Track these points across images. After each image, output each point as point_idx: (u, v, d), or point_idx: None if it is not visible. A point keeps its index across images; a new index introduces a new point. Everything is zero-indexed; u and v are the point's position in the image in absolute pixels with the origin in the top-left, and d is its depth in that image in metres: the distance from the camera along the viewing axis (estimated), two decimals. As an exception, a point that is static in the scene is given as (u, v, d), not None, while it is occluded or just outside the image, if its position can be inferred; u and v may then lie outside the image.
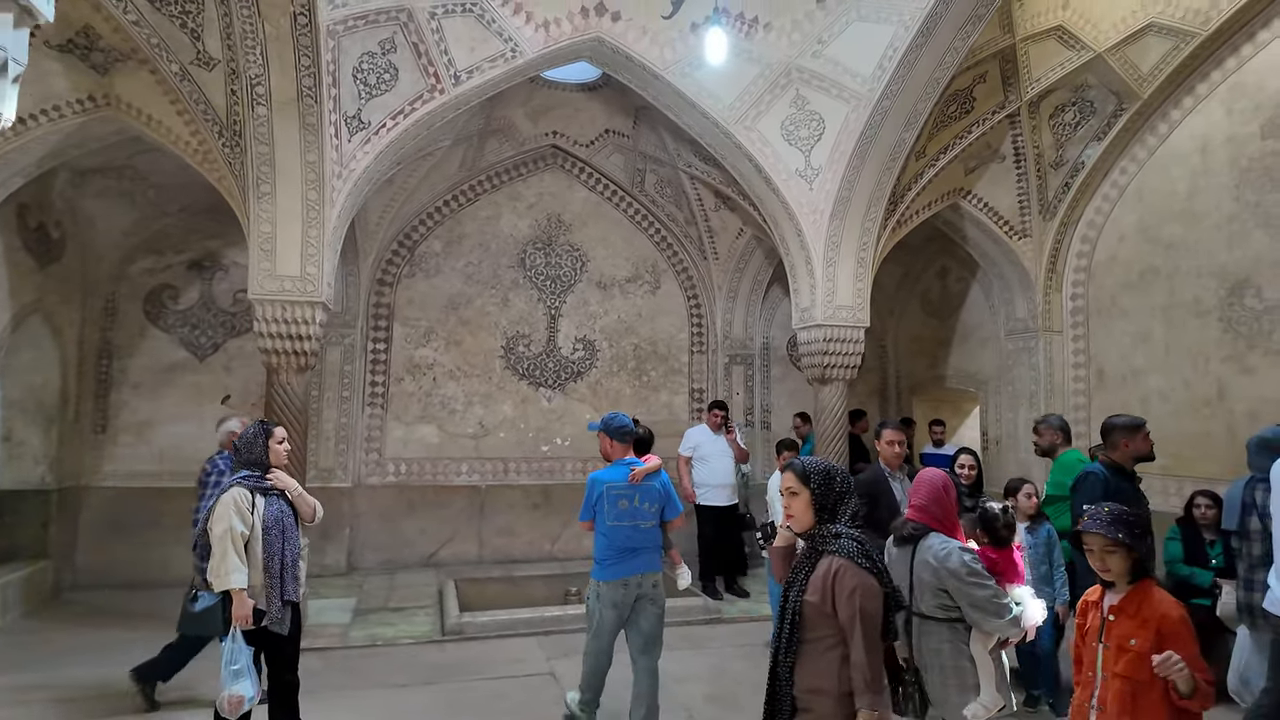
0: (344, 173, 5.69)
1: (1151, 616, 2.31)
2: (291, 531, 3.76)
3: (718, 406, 7.31)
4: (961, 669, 2.77)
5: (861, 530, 2.28)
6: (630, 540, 3.95)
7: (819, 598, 2.17)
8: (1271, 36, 5.72)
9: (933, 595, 2.83)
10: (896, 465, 4.33)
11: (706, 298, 9.35)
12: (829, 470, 2.33)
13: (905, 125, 6.24)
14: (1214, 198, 6.16)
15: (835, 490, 2.29)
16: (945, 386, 9.05)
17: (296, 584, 3.77)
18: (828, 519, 2.28)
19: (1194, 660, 2.18)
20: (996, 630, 2.77)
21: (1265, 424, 5.71)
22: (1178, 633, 2.25)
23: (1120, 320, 7.01)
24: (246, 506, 3.59)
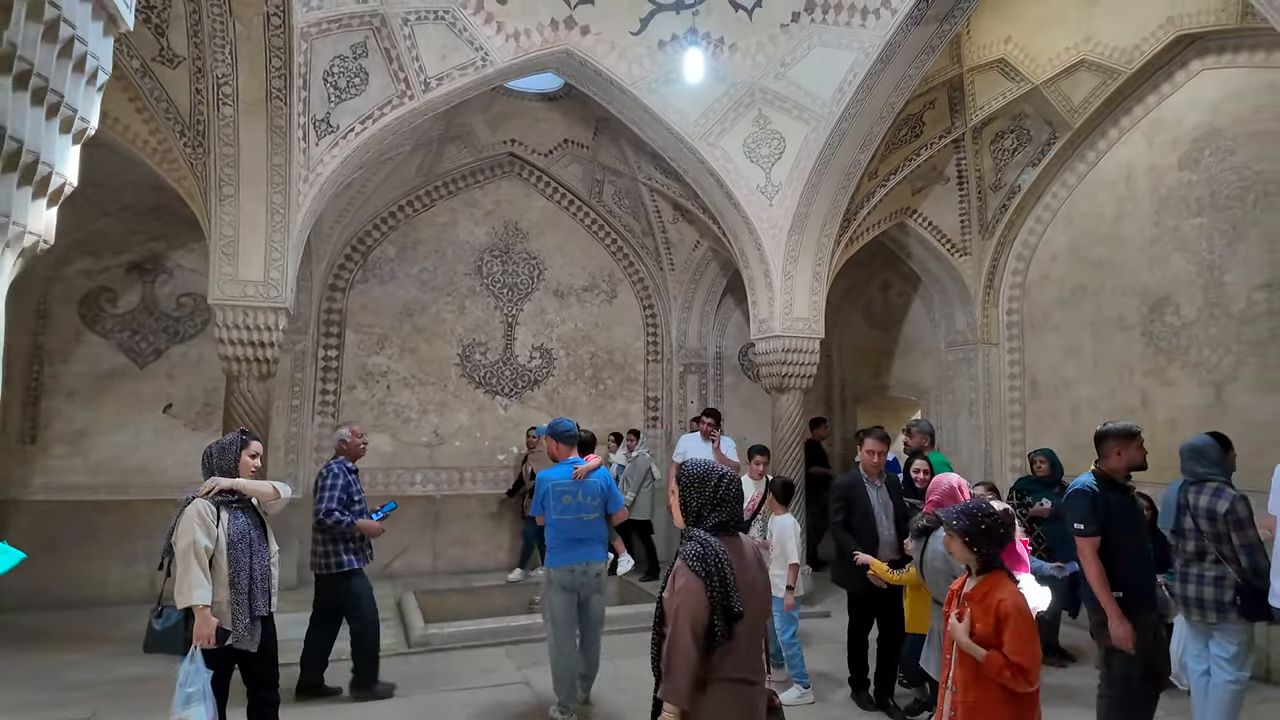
0: (311, 176, 5.59)
1: (992, 605, 2.57)
2: (259, 544, 3.67)
3: (707, 414, 7.09)
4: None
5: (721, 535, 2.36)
6: (574, 531, 4.41)
7: (668, 593, 2.32)
8: (1187, 77, 6.28)
9: (946, 581, 3.08)
10: (875, 473, 4.56)
11: (662, 307, 9.51)
12: (704, 476, 2.43)
13: (861, 147, 6.55)
14: (1137, 222, 6.69)
15: (703, 495, 2.40)
16: (888, 395, 9.46)
17: (268, 597, 3.69)
18: (692, 521, 2.41)
19: (1023, 646, 2.46)
20: None
21: (1184, 431, 6.25)
22: (1010, 620, 2.51)
23: (1052, 334, 7.51)
24: (211, 520, 3.50)
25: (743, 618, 2.25)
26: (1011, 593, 2.58)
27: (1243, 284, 5.83)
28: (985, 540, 2.64)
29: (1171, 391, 6.35)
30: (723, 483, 2.42)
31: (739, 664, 2.27)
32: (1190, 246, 6.23)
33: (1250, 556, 3.55)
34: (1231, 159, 5.94)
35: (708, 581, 2.24)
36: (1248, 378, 5.78)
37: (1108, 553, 3.47)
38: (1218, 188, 6.03)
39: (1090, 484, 3.61)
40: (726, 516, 2.39)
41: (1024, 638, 2.48)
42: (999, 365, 8.04)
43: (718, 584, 2.24)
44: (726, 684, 2.26)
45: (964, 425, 8.23)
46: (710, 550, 2.28)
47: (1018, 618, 2.51)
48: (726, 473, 2.47)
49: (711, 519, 2.38)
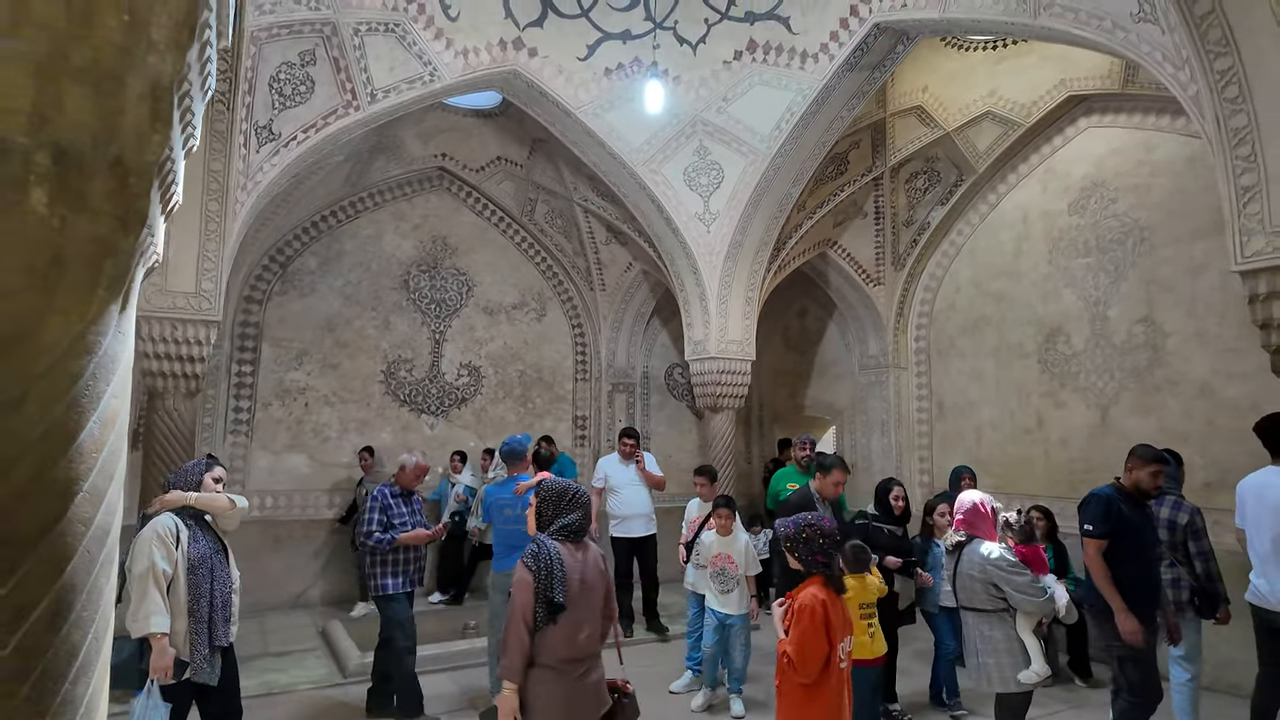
0: (249, 184, 5.34)
1: (794, 607, 2.97)
2: (221, 569, 3.49)
3: (627, 435, 6.92)
4: (1013, 649, 3.40)
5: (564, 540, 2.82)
6: (514, 539, 4.65)
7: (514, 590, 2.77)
8: (1076, 133, 7.05)
9: (983, 589, 3.41)
10: (832, 497, 4.80)
11: (591, 327, 9.59)
12: (561, 493, 2.91)
13: (794, 181, 6.94)
14: (1032, 260, 7.41)
15: (556, 508, 2.88)
16: (804, 415, 9.92)
17: (228, 626, 3.50)
18: (542, 528, 2.88)
19: (799, 641, 2.85)
20: (1035, 609, 3.36)
21: (1074, 449, 6.97)
22: (798, 617, 2.92)
23: (957, 360, 8.16)
24: (171, 543, 3.30)
25: (564, 609, 2.67)
26: (808, 595, 2.92)
27: (1124, 318, 6.58)
28: (804, 548, 2.99)
29: (1063, 413, 7.04)
30: (576, 498, 2.92)
31: (558, 649, 2.67)
32: (1079, 283, 6.96)
33: (1205, 563, 4.07)
34: (1113, 207, 6.71)
35: (536, 575, 2.67)
36: (1128, 401, 6.51)
37: (1113, 560, 3.71)
38: (1102, 232, 6.79)
39: (1108, 491, 3.84)
40: (573, 524, 2.86)
41: (803, 634, 2.84)
42: (908, 388, 8.63)
43: (544, 578, 2.67)
44: (549, 667, 2.66)
45: (876, 444, 8.76)
46: (544, 550, 2.73)
47: (803, 615, 2.87)
48: (580, 491, 2.96)
49: (556, 525, 2.84)
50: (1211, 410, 5.94)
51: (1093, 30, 4.18)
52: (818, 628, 2.83)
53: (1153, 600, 3.80)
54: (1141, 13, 3.83)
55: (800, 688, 2.88)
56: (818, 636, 2.83)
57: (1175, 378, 6.18)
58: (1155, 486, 3.81)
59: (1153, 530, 3.88)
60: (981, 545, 3.51)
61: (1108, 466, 6.58)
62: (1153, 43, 3.84)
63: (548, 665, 2.66)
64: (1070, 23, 4.26)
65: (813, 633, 2.82)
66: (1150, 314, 6.38)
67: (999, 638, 3.42)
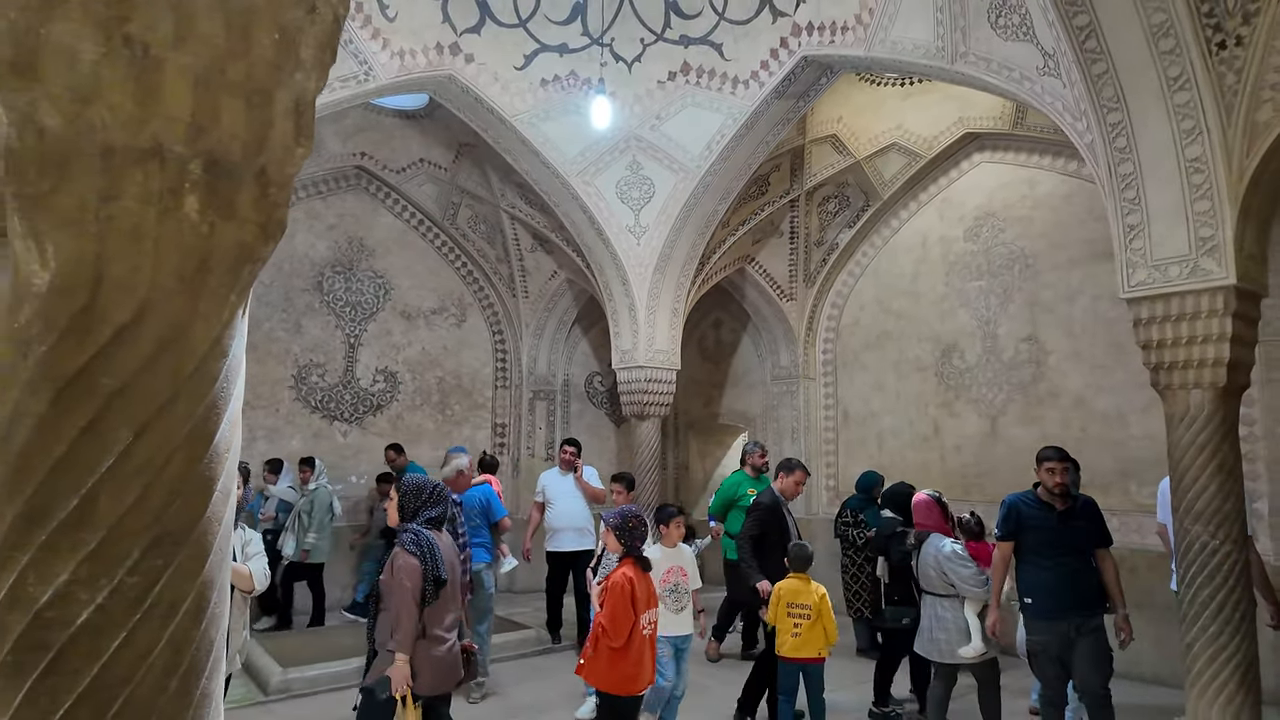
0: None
1: (608, 585, 3.47)
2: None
3: (568, 443, 6.75)
4: (961, 628, 3.90)
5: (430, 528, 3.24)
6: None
7: (386, 575, 3.14)
8: (971, 167, 7.75)
9: (938, 577, 3.88)
10: (794, 496, 5.15)
11: (512, 334, 9.56)
12: (420, 486, 3.33)
13: (720, 199, 7.26)
14: (931, 281, 8.06)
15: (419, 500, 3.29)
16: (719, 423, 10.29)
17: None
18: (407, 519, 3.26)
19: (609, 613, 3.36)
20: (976, 597, 3.90)
21: (968, 455, 7.62)
22: (609, 592, 3.44)
23: (861, 372, 8.73)
24: None
25: (445, 584, 3.13)
26: (619, 574, 3.47)
27: (1011, 336, 7.28)
28: (628, 535, 3.57)
29: (958, 422, 7.70)
30: (435, 492, 3.35)
31: (439, 621, 3.15)
32: (972, 304, 7.65)
33: None
34: (1002, 235, 7.43)
35: (422, 559, 3.08)
36: (1015, 412, 7.22)
37: (1020, 560, 3.94)
38: (992, 258, 7.50)
39: (1014, 497, 4.01)
40: (436, 515, 3.30)
41: (611, 607, 3.38)
42: (816, 397, 9.14)
43: (430, 560, 3.09)
44: (433, 637, 3.11)
45: (787, 450, 9.20)
46: (423, 537, 3.16)
47: (615, 591, 3.41)
48: (439, 486, 3.41)
49: (423, 517, 3.25)
50: (1085, 420, 6.69)
51: (1003, 79, 4.68)
52: (626, 602, 3.38)
53: (1061, 601, 3.83)
54: (1046, 67, 4.34)
55: (610, 650, 3.41)
56: (626, 609, 3.37)
57: (1055, 391, 6.91)
58: (1056, 484, 3.86)
59: (1063, 531, 3.87)
60: (938, 540, 3.99)
61: (997, 471, 7.28)
62: (1055, 94, 4.36)
63: (432, 635, 3.10)
64: (983, 70, 4.76)
65: (622, 606, 3.37)
66: (1034, 333, 7.11)
67: (949, 618, 3.85)
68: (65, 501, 0.98)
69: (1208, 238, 3.74)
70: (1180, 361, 3.88)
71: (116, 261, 1.03)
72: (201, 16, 1.06)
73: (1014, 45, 4.53)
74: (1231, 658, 3.67)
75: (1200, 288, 3.79)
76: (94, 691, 0.98)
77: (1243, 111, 3.60)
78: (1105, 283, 6.59)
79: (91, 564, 0.98)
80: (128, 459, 1.01)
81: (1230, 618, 3.71)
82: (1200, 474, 3.80)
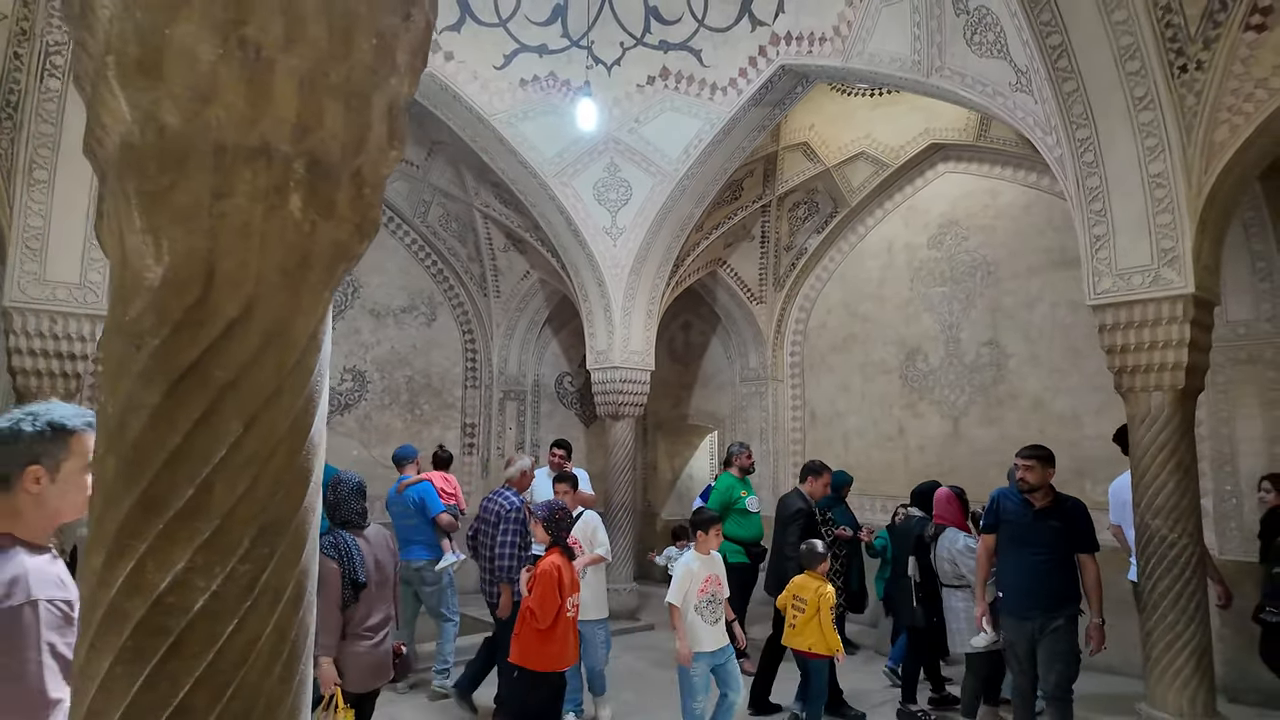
0: (146, 170, 4.92)
1: (536, 572, 3.79)
2: None
3: (557, 445, 6.48)
4: (972, 617, 4.06)
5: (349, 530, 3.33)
6: (404, 534, 5.48)
7: None
8: (935, 176, 8.01)
9: (952, 570, 4.07)
10: (821, 496, 5.64)
11: (482, 334, 9.51)
12: (336, 484, 3.40)
13: (696, 203, 7.37)
14: (896, 286, 8.31)
15: (334, 499, 3.34)
16: (688, 423, 10.41)
17: None
18: (333, 521, 3.35)
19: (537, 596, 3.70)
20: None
21: (931, 454, 7.87)
22: (536, 578, 3.79)
23: (828, 374, 8.94)
24: None
25: (366, 587, 3.23)
26: (548, 563, 3.78)
27: (973, 340, 7.56)
28: (555, 527, 3.91)
29: (921, 423, 7.95)
30: (340, 488, 3.39)
31: (361, 621, 3.25)
32: (936, 309, 7.91)
33: None
34: (965, 243, 7.71)
35: (340, 562, 3.18)
36: (976, 413, 7.49)
37: (998, 554, 4.11)
38: (955, 264, 7.77)
39: (999, 491, 4.18)
40: (349, 515, 3.36)
41: (540, 592, 3.71)
42: (784, 398, 9.32)
43: (347, 564, 3.20)
44: (356, 636, 3.22)
45: (755, 450, 9.35)
46: (340, 540, 3.25)
47: (544, 578, 3.73)
48: (357, 483, 3.44)
49: (339, 518, 3.33)
50: (1042, 421, 6.98)
51: (976, 94, 4.89)
52: (553, 587, 3.69)
53: (1025, 597, 3.94)
54: (1019, 84, 4.55)
55: (537, 632, 3.71)
56: (554, 594, 3.68)
57: (1015, 393, 7.20)
58: (1022, 480, 3.97)
59: (1036, 528, 3.96)
60: (954, 534, 4.25)
61: (959, 470, 7.52)
62: (1026, 110, 4.57)
63: (355, 635, 3.21)
64: (958, 85, 4.96)
65: (550, 592, 3.68)
66: (995, 338, 7.39)
67: (960, 609, 4.06)
68: (182, 491, 1.00)
69: (1168, 249, 3.98)
70: (1142, 365, 4.11)
71: (227, 257, 1.05)
72: (309, 20, 1.09)
73: (988, 61, 4.74)
74: (1188, 644, 3.91)
75: (1161, 296, 4.02)
76: (211, 675, 1.00)
77: (1202, 131, 3.85)
78: (1062, 290, 6.91)
79: (207, 552, 1.01)
80: (238, 450, 1.04)
81: (1186, 607, 3.95)
82: (1160, 472, 4.03)
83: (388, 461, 8.59)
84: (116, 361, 1.03)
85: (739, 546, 6.17)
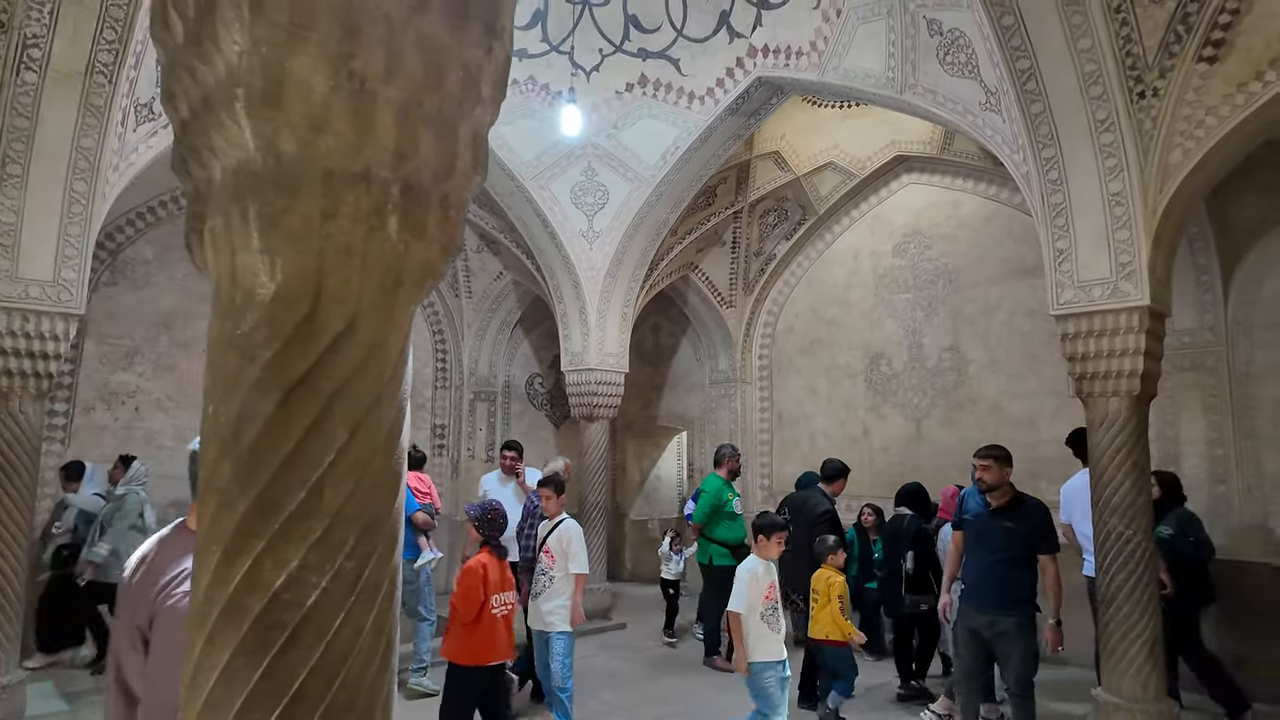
0: (123, 165, 4.85)
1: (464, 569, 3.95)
2: None
3: (508, 447, 6.28)
4: None
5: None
6: None
7: None
8: (900, 187, 8.29)
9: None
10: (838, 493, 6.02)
11: (453, 334, 9.49)
12: None
13: (672, 208, 7.50)
14: (861, 292, 8.57)
15: None
16: (657, 424, 10.53)
17: None
18: None
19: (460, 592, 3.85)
20: None
21: (894, 456, 8.14)
22: (465, 576, 3.90)
23: (795, 376, 9.17)
24: None
25: None
26: (475, 561, 3.92)
27: (935, 346, 7.85)
28: (488, 527, 4.04)
29: (885, 424, 8.22)
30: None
31: None
32: (900, 315, 8.19)
33: None
34: (928, 252, 8.00)
35: None
36: (938, 416, 7.78)
37: (965, 550, 4.38)
38: (919, 272, 8.05)
39: (969, 489, 4.44)
40: None
41: (464, 588, 3.85)
42: (753, 400, 9.52)
43: None
44: None
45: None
46: None
47: (466, 574, 3.89)
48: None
49: None
50: (999, 424, 7.29)
51: (948, 111, 5.12)
52: (477, 584, 3.84)
53: (976, 594, 4.16)
54: (988, 103, 4.79)
55: (463, 625, 3.86)
56: (477, 590, 3.83)
57: (974, 397, 7.51)
58: (980, 479, 4.17)
59: (991, 527, 4.15)
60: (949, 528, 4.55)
61: (920, 470, 7.79)
62: (995, 128, 4.81)
63: None
64: (930, 102, 5.18)
65: (474, 588, 3.84)
66: (956, 343, 7.69)
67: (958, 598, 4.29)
68: (295, 494, 1.08)
69: (1126, 263, 4.25)
70: (1101, 372, 4.37)
71: (333, 275, 1.13)
72: (407, 53, 1.17)
73: (959, 81, 4.96)
74: (1142, 634, 4.18)
75: (1119, 307, 4.29)
76: (322, 666, 1.07)
77: (1158, 154, 4.12)
78: (1021, 299, 7.24)
79: (319, 550, 1.08)
80: (345, 455, 1.11)
81: (1140, 599, 4.22)
82: (1117, 472, 4.29)
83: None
84: (230, 373, 1.10)
85: (726, 549, 6.30)
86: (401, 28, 1.16)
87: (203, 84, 1.13)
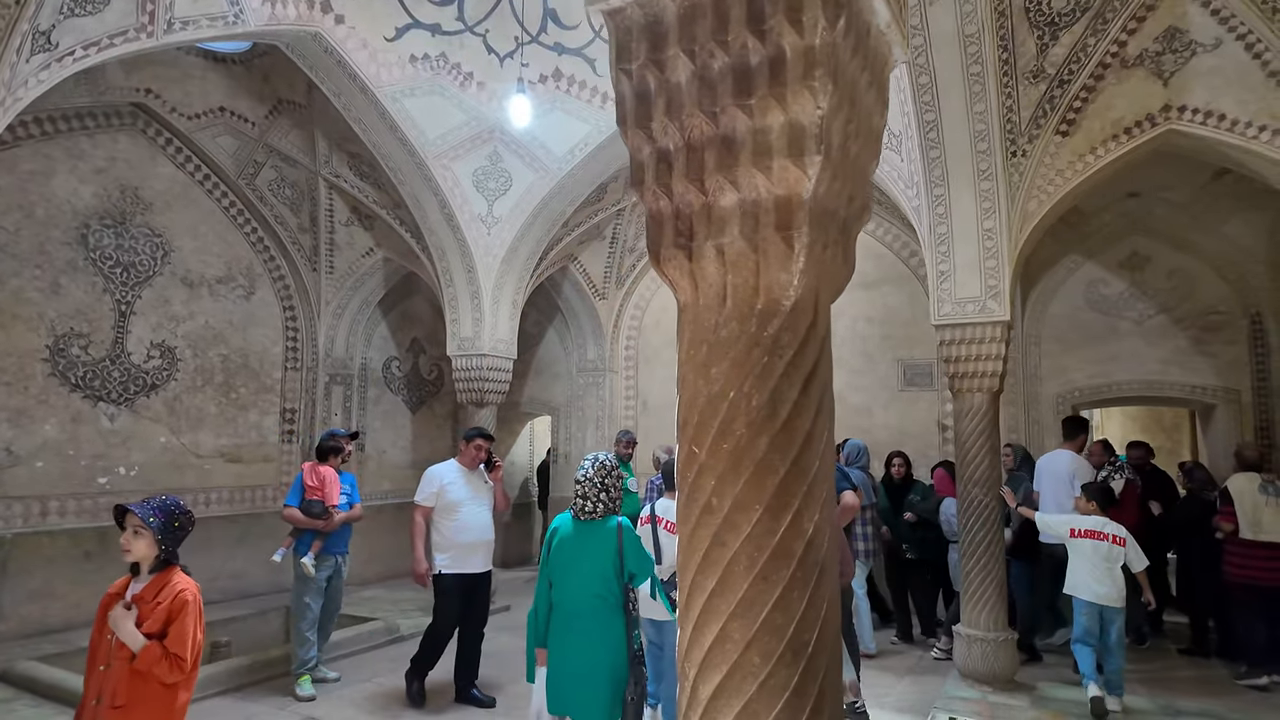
0: (9, 99, 4.10)
1: (166, 599, 2.54)
2: None
3: (481, 436, 5.22)
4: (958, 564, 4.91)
5: None
6: None
7: None
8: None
9: (948, 528, 5.06)
10: None
11: (306, 311, 8.83)
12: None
13: (570, 202, 7.72)
14: (724, 292, 9.39)
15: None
16: (521, 411, 10.61)
17: None
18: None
19: (183, 638, 2.52)
20: None
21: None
22: (183, 610, 2.55)
23: (661, 367, 9.80)
24: None
25: None
26: (189, 584, 2.65)
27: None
28: (174, 538, 2.67)
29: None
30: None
31: None
32: (760, 314, 9.12)
33: None
34: (786, 261, 9.01)
35: None
36: (791, 405, 8.83)
37: None
38: (778, 278, 9.04)
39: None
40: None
41: (187, 631, 2.54)
42: (620, 388, 10.01)
43: None
44: None
45: (591, 436, 9.94)
46: None
47: (193, 608, 2.59)
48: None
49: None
50: (843, 412, 8.43)
51: (853, 146, 5.95)
52: (199, 622, 2.72)
53: None
54: (889, 144, 5.69)
55: (170, 690, 2.61)
56: (198, 632, 2.96)
57: (824, 389, 8.64)
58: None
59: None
60: (950, 503, 5.45)
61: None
62: (894, 166, 5.73)
63: None
64: (838, 136, 5.98)
65: (196, 628, 2.71)
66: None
67: (955, 559, 5.07)
68: (812, 461, 1.37)
69: (993, 286, 5.34)
70: (970, 372, 5.45)
71: (824, 291, 1.43)
72: (862, 118, 1.48)
73: (866, 121, 5.82)
74: (992, 578, 5.31)
75: (986, 321, 5.38)
76: (820, 595, 1.36)
77: (1021, 201, 5.24)
78: (862, 307, 8.47)
79: (825, 507, 1.38)
80: (821, 428, 1.41)
81: (990, 549, 5.36)
82: (979, 453, 5.39)
83: (199, 450, 7.76)
84: (759, 366, 1.35)
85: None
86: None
87: (739, 129, 1.35)
